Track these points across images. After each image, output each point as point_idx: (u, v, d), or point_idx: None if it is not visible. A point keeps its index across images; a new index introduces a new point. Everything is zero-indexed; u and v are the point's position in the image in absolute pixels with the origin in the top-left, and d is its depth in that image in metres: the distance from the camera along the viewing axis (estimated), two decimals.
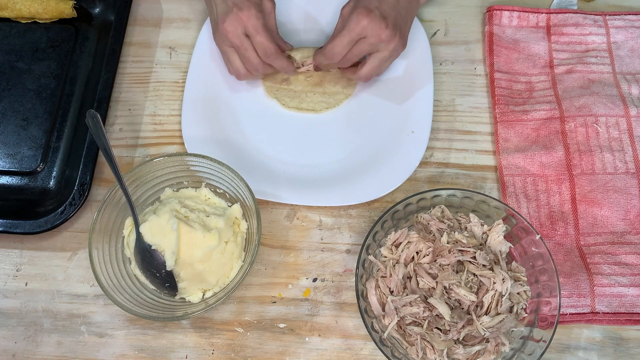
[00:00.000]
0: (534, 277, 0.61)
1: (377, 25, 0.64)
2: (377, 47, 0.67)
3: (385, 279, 0.61)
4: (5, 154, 0.73)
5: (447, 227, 0.62)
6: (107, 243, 0.63)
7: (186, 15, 0.82)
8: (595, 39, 0.77)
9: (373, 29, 0.65)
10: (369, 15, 0.64)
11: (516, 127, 0.73)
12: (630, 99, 0.73)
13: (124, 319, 0.66)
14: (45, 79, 0.77)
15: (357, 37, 0.66)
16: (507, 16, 0.78)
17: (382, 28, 0.65)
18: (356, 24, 0.65)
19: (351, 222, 0.70)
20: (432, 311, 0.58)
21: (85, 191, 0.68)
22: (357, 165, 0.71)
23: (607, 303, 0.63)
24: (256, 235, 0.61)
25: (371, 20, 0.64)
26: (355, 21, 0.65)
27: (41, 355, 0.65)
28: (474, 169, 0.72)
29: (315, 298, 0.66)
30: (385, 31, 0.65)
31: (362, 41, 0.66)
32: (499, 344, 0.58)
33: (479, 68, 0.77)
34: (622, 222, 0.68)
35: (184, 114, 0.73)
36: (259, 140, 0.74)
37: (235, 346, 0.64)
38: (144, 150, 0.74)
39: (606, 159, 0.70)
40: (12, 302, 0.67)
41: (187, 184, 0.69)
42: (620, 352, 0.63)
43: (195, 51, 0.77)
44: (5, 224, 0.67)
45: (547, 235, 0.68)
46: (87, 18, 0.80)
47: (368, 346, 0.64)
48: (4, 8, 0.78)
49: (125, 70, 0.78)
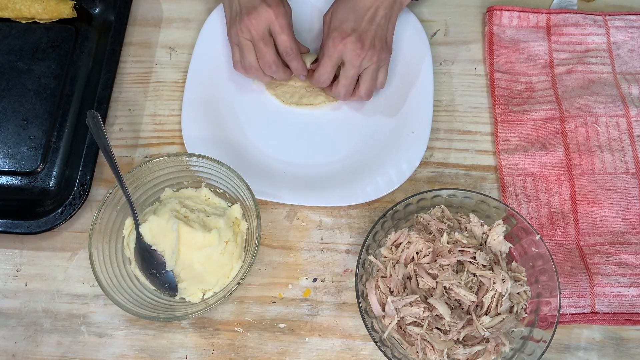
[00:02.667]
0: (534, 277, 0.61)
1: (353, 47, 0.66)
2: (362, 67, 0.68)
3: (385, 279, 0.61)
4: (5, 154, 0.73)
5: (447, 227, 0.62)
6: (107, 243, 0.63)
7: (186, 15, 0.82)
8: (595, 39, 0.77)
9: (351, 52, 0.66)
10: (344, 40, 0.66)
11: (516, 127, 0.73)
12: (630, 99, 0.73)
13: (124, 319, 0.66)
14: (45, 79, 0.77)
15: (337, 60, 0.68)
16: (507, 16, 0.78)
17: (359, 49, 0.66)
18: (334, 50, 0.67)
19: (351, 222, 0.70)
20: (432, 311, 0.58)
21: (85, 191, 0.68)
22: (357, 165, 0.71)
23: (607, 303, 0.63)
24: (256, 236, 0.61)
25: (346, 44, 0.66)
26: (332, 47, 0.67)
27: (41, 355, 0.65)
28: (474, 169, 0.72)
29: (315, 298, 0.66)
30: (363, 51, 0.66)
31: (347, 67, 0.68)
32: (499, 344, 0.58)
33: (479, 68, 0.77)
34: (622, 222, 0.68)
35: (184, 114, 0.73)
36: (259, 140, 0.74)
37: (235, 346, 0.64)
38: (144, 150, 0.74)
39: (606, 159, 0.70)
40: (12, 302, 0.67)
41: (187, 184, 0.69)
42: (620, 352, 0.63)
43: (195, 51, 0.77)
44: (5, 224, 0.67)
45: (547, 235, 0.68)
46: (87, 18, 0.80)
47: (368, 346, 0.64)
48: (4, 8, 0.78)
49: (125, 70, 0.78)
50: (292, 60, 0.70)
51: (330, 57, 0.68)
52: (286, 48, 0.69)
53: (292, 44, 0.69)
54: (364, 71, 0.69)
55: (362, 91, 0.70)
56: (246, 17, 0.67)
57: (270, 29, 0.68)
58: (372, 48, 0.67)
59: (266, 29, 0.67)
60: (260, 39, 0.68)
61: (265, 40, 0.68)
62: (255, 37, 0.68)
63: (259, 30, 0.67)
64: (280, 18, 0.67)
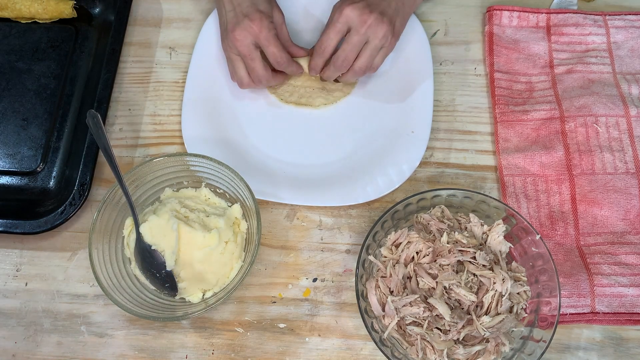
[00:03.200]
0: (534, 277, 0.61)
1: (360, 12, 0.65)
2: (367, 37, 0.66)
3: (385, 279, 0.61)
4: (5, 154, 0.73)
5: (447, 227, 0.62)
6: (107, 243, 0.63)
7: (186, 15, 0.82)
8: (595, 39, 0.77)
9: (357, 17, 0.65)
10: (352, 4, 0.65)
11: (516, 127, 0.73)
12: (630, 99, 0.73)
13: (124, 319, 0.66)
14: (45, 79, 0.77)
15: (342, 27, 0.66)
16: (507, 16, 0.78)
17: (366, 14, 0.65)
18: (339, 15, 0.66)
19: (351, 222, 0.70)
20: (432, 311, 0.58)
21: (85, 191, 0.68)
22: (357, 165, 0.71)
23: (607, 303, 0.63)
24: (256, 235, 0.61)
25: (354, 9, 0.65)
26: (338, 13, 0.66)
27: (41, 355, 0.65)
28: (474, 169, 0.72)
29: (315, 298, 0.66)
30: (370, 16, 0.65)
31: (351, 33, 0.66)
32: (499, 344, 0.58)
33: (479, 68, 0.77)
34: (622, 222, 0.68)
35: (184, 114, 0.73)
36: (259, 140, 0.74)
37: (235, 346, 0.64)
38: (144, 150, 0.74)
39: (606, 159, 0.70)
40: (12, 302, 0.67)
41: (187, 184, 0.69)
42: (620, 352, 0.63)
43: (195, 51, 0.77)
44: (5, 224, 0.67)
45: (547, 235, 0.68)
46: (87, 18, 0.80)
47: (368, 346, 0.64)
48: (4, 8, 0.78)
49: (125, 70, 0.78)
50: (285, 68, 0.70)
51: (335, 23, 0.66)
52: (276, 59, 0.68)
53: (281, 55, 0.68)
54: (366, 45, 0.67)
55: (357, 64, 0.68)
56: (231, 33, 0.66)
57: (257, 43, 0.67)
58: (379, 19, 0.65)
59: (252, 44, 0.67)
60: (247, 55, 0.67)
61: (252, 55, 0.67)
62: (242, 53, 0.67)
63: (244, 45, 0.66)
64: (264, 31, 0.66)
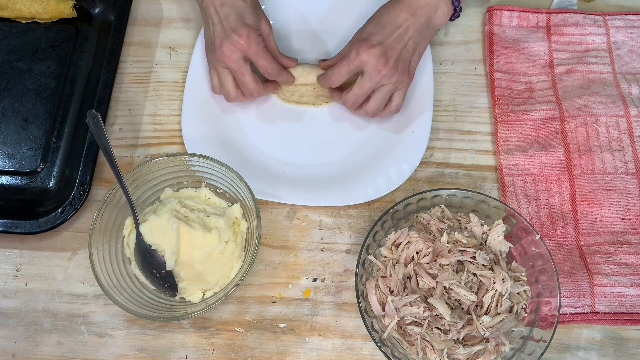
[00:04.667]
0: (534, 277, 0.61)
1: (376, 60, 0.64)
2: (381, 82, 0.66)
3: (385, 279, 0.61)
4: (5, 154, 0.73)
5: (447, 227, 0.62)
6: (107, 243, 0.63)
7: (186, 15, 0.82)
8: (595, 39, 0.77)
9: (373, 65, 0.65)
10: (369, 50, 0.65)
11: (516, 127, 0.73)
12: (630, 99, 0.73)
13: (124, 319, 0.66)
14: (45, 79, 0.77)
15: (356, 69, 0.67)
16: (507, 16, 0.78)
17: (382, 64, 0.65)
18: (355, 56, 0.65)
19: (351, 222, 0.70)
20: (432, 311, 0.58)
21: (85, 191, 0.68)
22: (357, 165, 0.71)
23: (607, 303, 0.63)
24: (256, 235, 0.61)
25: (370, 55, 0.65)
26: (355, 53, 0.66)
27: (41, 355, 0.65)
28: (474, 169, 0.72)
29: (315, 298, 0.66)
30: (385, 67, 0.65)
31: (364, 77, 0.66)
32: (499, 344, 0.58)
33: (479, 68, 0.77)
34: (622, 222, 0.68)
35: (184, 114, 0.73)
36: (259, 140, 0.74)
37: (235, 346, 0.64)
38: (144, 150, 0.74)
39: (606, 159, 0.70)
40: (12, 302, 0.67)
41: (187, 184, 0.69)
42: (620, 352, 0.63)
43: (195, 51, 0.77)
44: (5, 224, 0.67)
45: (547, 235, 0.68)
46: (87, 18, 0.80)
47: (368, 346, 0.64)
48: (4, 8, 0.78)
49: (125, 70, 0.78)
50: (276, 77, 0.71)
51: (349, 62, 0.66)
52: (267, 70, 0.69)
53: (271, 66, 0.68)
54: (379, 88, 0.67)
55: (369, 107, 0.69)
56: (219, 49, 0.66)
57: (247, 57, 0.67)
58: (394, 68, 0.65)
59: (240, 58, 0.67)
60: (236, 70, 0.67)
61: (241, 70, 0.67)
62: (232, 68, 0.67)
63: (232, 60, 0.66)
64: (253, 46, 0.66)
